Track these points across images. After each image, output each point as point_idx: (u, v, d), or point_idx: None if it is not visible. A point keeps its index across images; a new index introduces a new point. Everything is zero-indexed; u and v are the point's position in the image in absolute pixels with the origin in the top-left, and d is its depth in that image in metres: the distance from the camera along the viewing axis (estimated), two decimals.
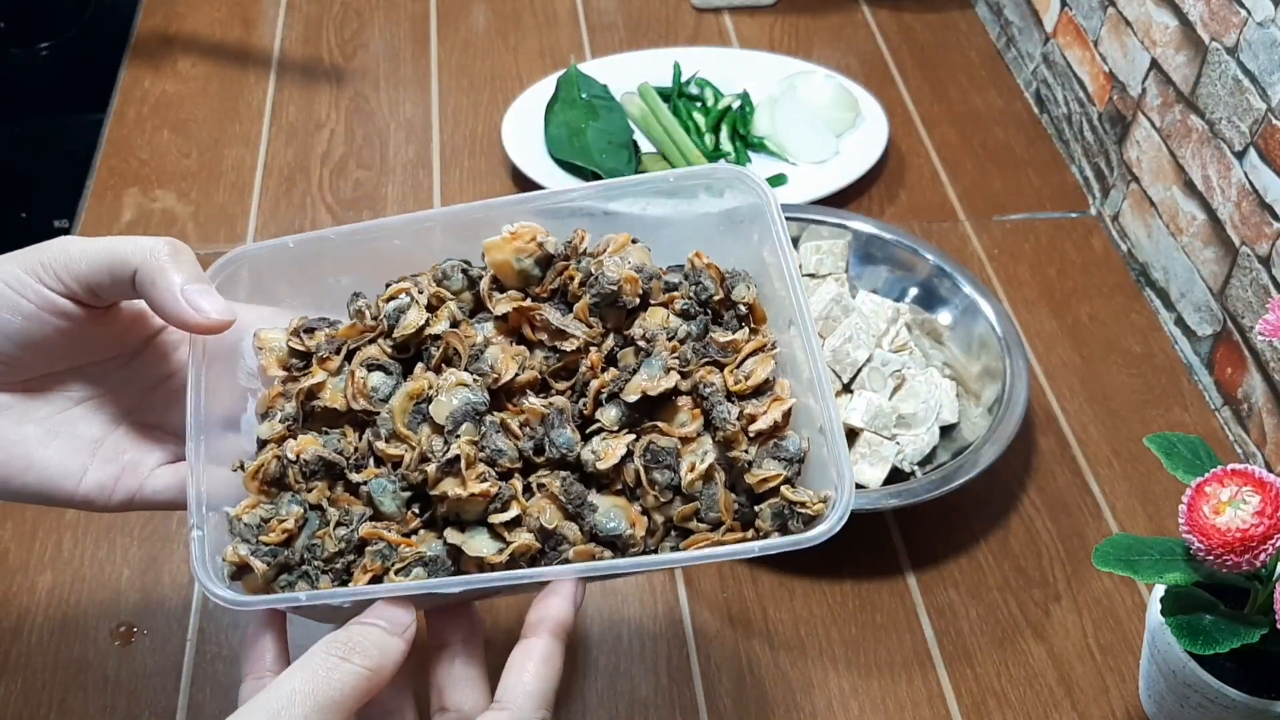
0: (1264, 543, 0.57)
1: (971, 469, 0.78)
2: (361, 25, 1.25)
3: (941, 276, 0.91)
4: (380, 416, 0.53)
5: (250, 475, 0.53)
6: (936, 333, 0.91)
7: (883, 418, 0.82)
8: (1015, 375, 0.83)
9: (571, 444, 0.52)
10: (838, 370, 0.84)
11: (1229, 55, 0.88)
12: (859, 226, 0.94)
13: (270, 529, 0.52)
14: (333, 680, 0.45)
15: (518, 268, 0.55)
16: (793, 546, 0.50)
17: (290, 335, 0.56)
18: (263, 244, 0.57)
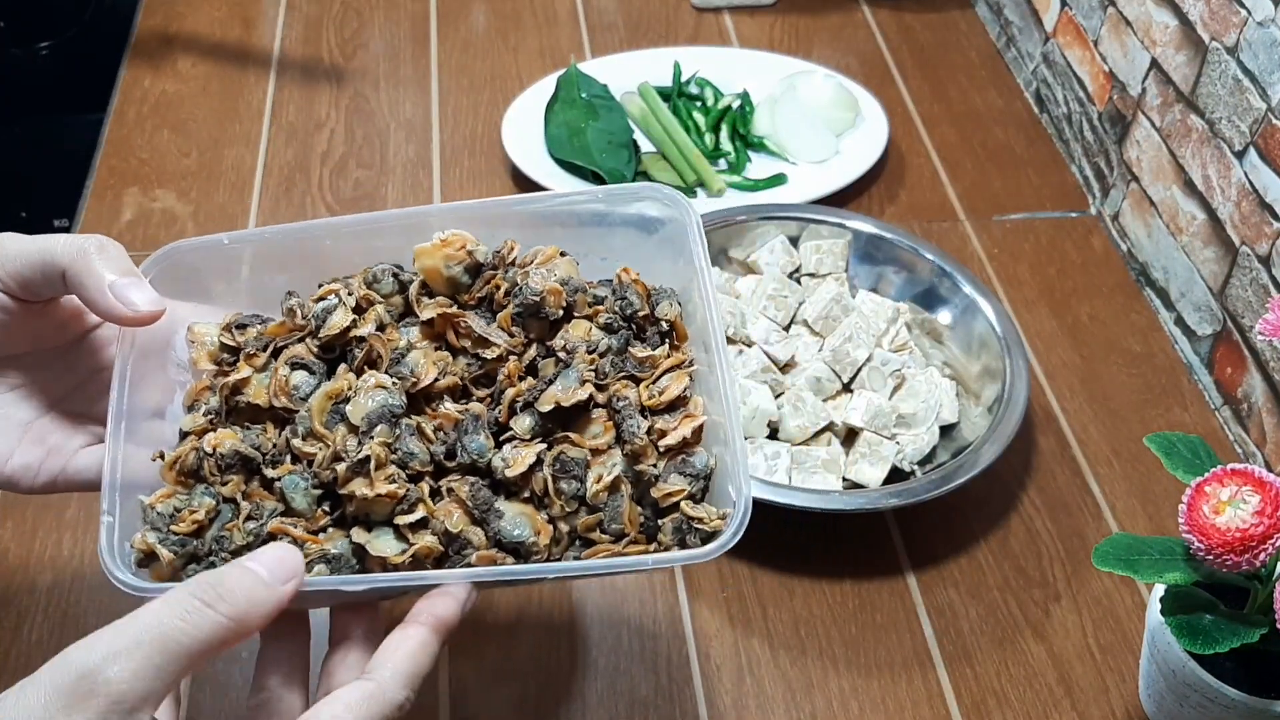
0: (1263, 542, 0.57)
1: (971, 469, 0.78)
2: (361, 25, 1.25)
3: (941, 276, 0.91)
4: (299, 415, 0.54)
5: (168, 466, 0.54)
6: (936, 332, 0.91)
7: (883, 417, 0.82)
8: (1015, 375, 0.83)
9: (483, 449, 0.53)
10: (838, 370, 0.84)
11: (1229, 55, 0.88)
12: (859, 226, 0.93)
13: (181, 519, 0.52)
14: (188, 627, 0.43)
15: (447, 274, 0.56)
16: (686, 561, 0.51)
17: (222, 330, 0.57)
18: (198, 239, 0.58)
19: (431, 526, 0.52)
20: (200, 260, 0.58)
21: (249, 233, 0.60)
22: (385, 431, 0.52)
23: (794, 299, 0.89)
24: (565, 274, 0.57)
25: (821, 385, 0.84)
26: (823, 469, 0.80)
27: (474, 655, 0.73)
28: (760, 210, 0.95)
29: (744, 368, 0.84)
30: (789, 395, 0.83)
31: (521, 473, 0.53)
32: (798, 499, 0.76)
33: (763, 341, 0.86)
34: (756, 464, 0.79)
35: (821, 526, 0.81)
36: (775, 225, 0.94)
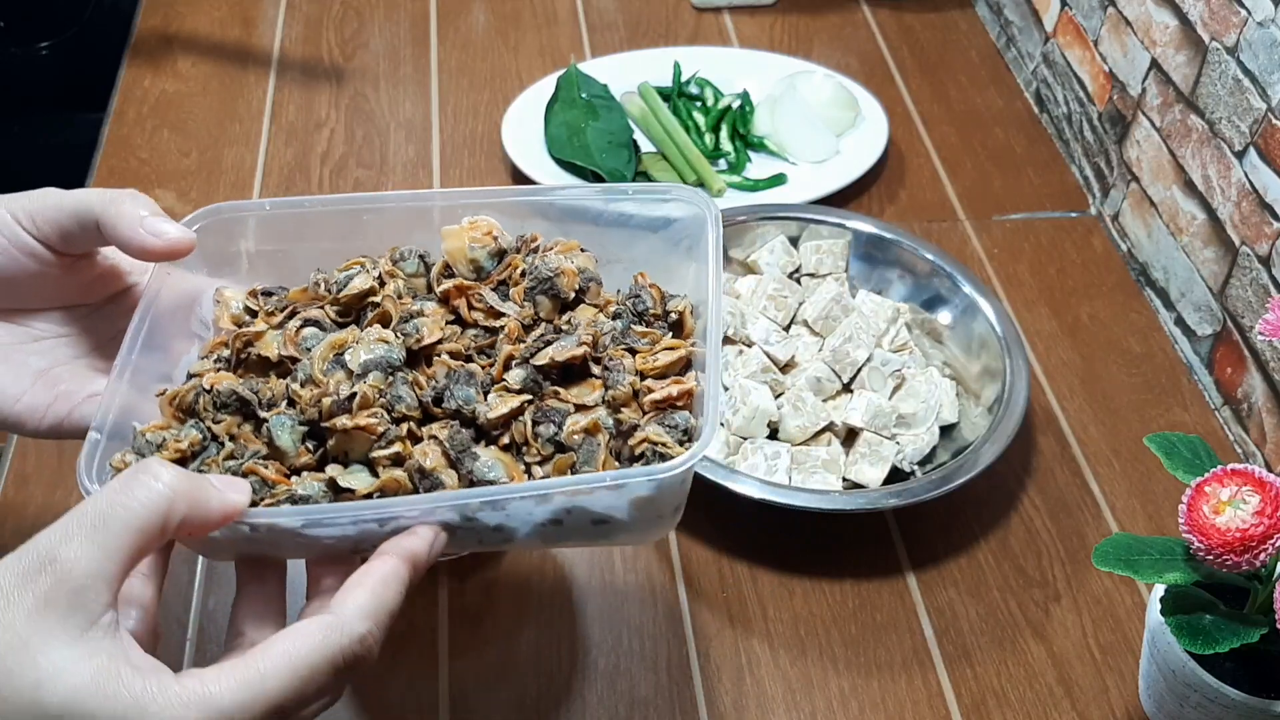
0: (1263, 542, 0.57)
1: (971, 469, 0.78)
2: (361, 25, 1.25)
3: (941, 276, 0.90)
4: (301, 363, 0.54)
5: (168, 400, 0.55)
6: (936, 332, 0.91)
7: (883, 417, 0.82)
8: (1015, 375, 0.83)
9: (470, 398, 0.53)
10: (838, 370, 0.84)
11: (1229, 55, 0.88)
12: (859, 226, 0.93)
13: (166, 448, 0.53)
14: (129, 500, 0.43)
15: (470, 256, 0.58)
16: (644, 476, 0.49)
17: (248, 295, 0.59)
18: (240, 203, 0.60)
19: (406, 466, 0.52)
20: (239, 222, 0.59)
21: (289, 201, 0.61)
22: (378, 378, 0.53)
23: (794, 299, 0.88)
24: (582, 264, 0.58)
25: (821, 385, 0.84)
26: (823, 469, 0.80)
27: (474, 655, 0.73)
28: (760, 210, 0.94)
29: (744, 368, 0.84)
30: (789, 395, 0.83)
31: (502, 415, 0.53)
32: (798, 499, 0.76)
33: (763, 341, 0.86)
34: (757, 464, 0.79)
35: (821, 526, 0.81)
36: (775, 225, 0.94)
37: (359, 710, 0.71)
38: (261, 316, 0.57)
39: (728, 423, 0.82)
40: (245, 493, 0.47)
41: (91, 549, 0.41)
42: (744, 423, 0.81)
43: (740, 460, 0.80)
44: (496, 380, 0.55)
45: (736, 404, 0.82)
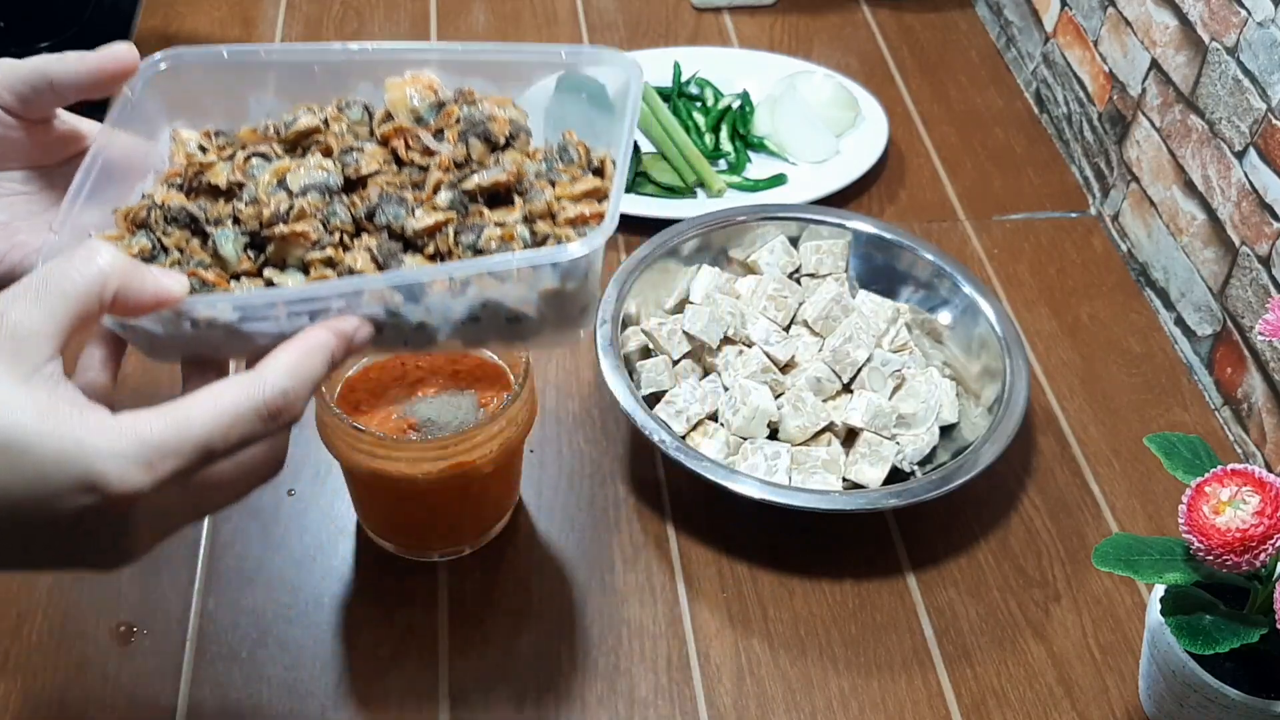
0: (1263, 542, 0.58)
1: (971, 468, 0.78)
2: (361, 25, 1.25)
3: (941, 277, 0.90)
4: (247, 187, 0.58)
5: (122, 215, 0.58)
6: (936, 332, 0.91)
7: (883, 417, 0.82)
8: (1015, 375, 0.83)
9: (400, 215, 0.56)
10: (838, 370, 0.84)
11: (1229, 55, 0.88)
12: (859, 226, 0.93)
13: (126, 248, 0.56)
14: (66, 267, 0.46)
15: (411, 105, 0.61)
16: (548, 260, 0.53)
17: (203, 136, 0.62)
18: (197, 49, 0.62)
19: (338, 269, 0.55)
20: (195, 68, 0.62)
21: (246, 48, 0.64)
22: (316, 198, 0.57)
23: (794, 299, 0.88)
24: (514, 115, 0.62)
25: (822, 385, 0.84)
26: (823, 469, 0.80)
27: (474, 655, 0.74)
28: (760, 210, 0.94)
29: (744, 368, 0.84)
30: (789, 395, 0.83)
31: (428, 226, 0.56)
32: (798, 499, 0.76)
33: (763, 342, 0.86)
34: (757, 464, 0.79)
35: (821, 526, 0.81)
36: (775, 225, 0.93)
37: (360, 709, 0.71)
38: (213, 151, 0.61)
39: (727, 423, 0.82)
40: (181, 283, 0.50)
41: (32, 309, 0.44)
42: (744, 423, 0.81)
43: (740, 460, 0.80)
44: (426, 202, 0.58)
45: (736, 404, 0.82)
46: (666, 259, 0.91)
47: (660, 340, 0.86)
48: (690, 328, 0.86)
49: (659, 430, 0.78)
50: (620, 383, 0.81)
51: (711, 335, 0.85)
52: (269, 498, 0.81)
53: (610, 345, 0.83)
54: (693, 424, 0.82)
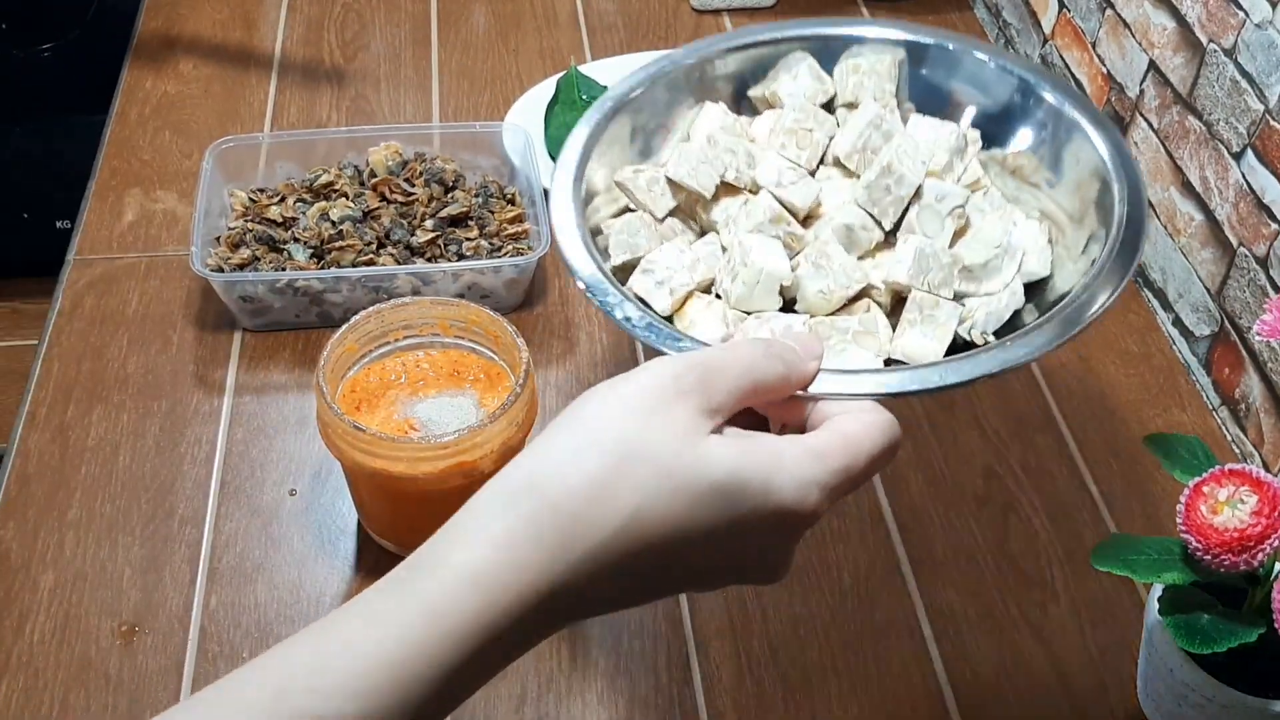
0: (1261, 542, 0.58)
1: (1075, 322, 0.56)
2: (362, 27, 1.25)
3: (1028, 94, 0.68)
4: (300, 220, 0.94)
5: (227, 239, 0.93)
6: (1024, 172, 0.69)
7: (940, 269, 0.61)
8: (1130, 204, 0.62)
9: (405, 235, 0.93)
10: (875, 213, 0.64)
11: (1226, 57, 0.88)
12: (913, 38, 0.71)
13: (235, 258, 0.91)
14: (759, 366, 0.49)
15: (386, 164, 0.98)
16: (510, 263, 0.91)
17: (251, 192, 0.97)
18: (242, 137, 1.00)
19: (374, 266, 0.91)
20: (241, 151, 0.98)
21: (277, 134, 1.05)
22: (350, 225, 0.93)
23: (822, 133, 0.68)
24: (454, 168, 0.99)
25: (854, 235, 0.63)
26: (854, 343, 0.59)
27: None
28: (780, 29, 0.72)
29: (747, 219, 0.64)
30: (809, 252, 0.62)
31: (425, 241, 0.93)
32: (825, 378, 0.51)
33: (773, 184, 0.65)
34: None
35: (821, 528, 0.81)
36: (802, 48, 0.72)
37: None
38: (261, 200, 0.96)
39: (725, 294, 0.62)
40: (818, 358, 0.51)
41: (726, 381, 0.47)
42: (745, 290, 0.61)
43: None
44: (418, 227, 0.94)
45: (735, 266, 0.61)
46: (655, 98, 0.70)
47: (636, 193, 0.66)
48: (675, 172, 0.65)
49: (624, 304, 0.58)
50: (577, 245, 0.61)
51: (703, 180, 0.65)
52: (270, 497, 0.81)
53: (570, 202, 0.63)
54: (680, 298, 0.62)
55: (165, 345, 0.91)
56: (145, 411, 0.87)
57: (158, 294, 0.95)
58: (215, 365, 0.90)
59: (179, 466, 0.83)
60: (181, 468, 0.83)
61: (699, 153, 0.66)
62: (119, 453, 0.84)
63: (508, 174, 1.01)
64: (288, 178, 0.99)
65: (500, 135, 1.02)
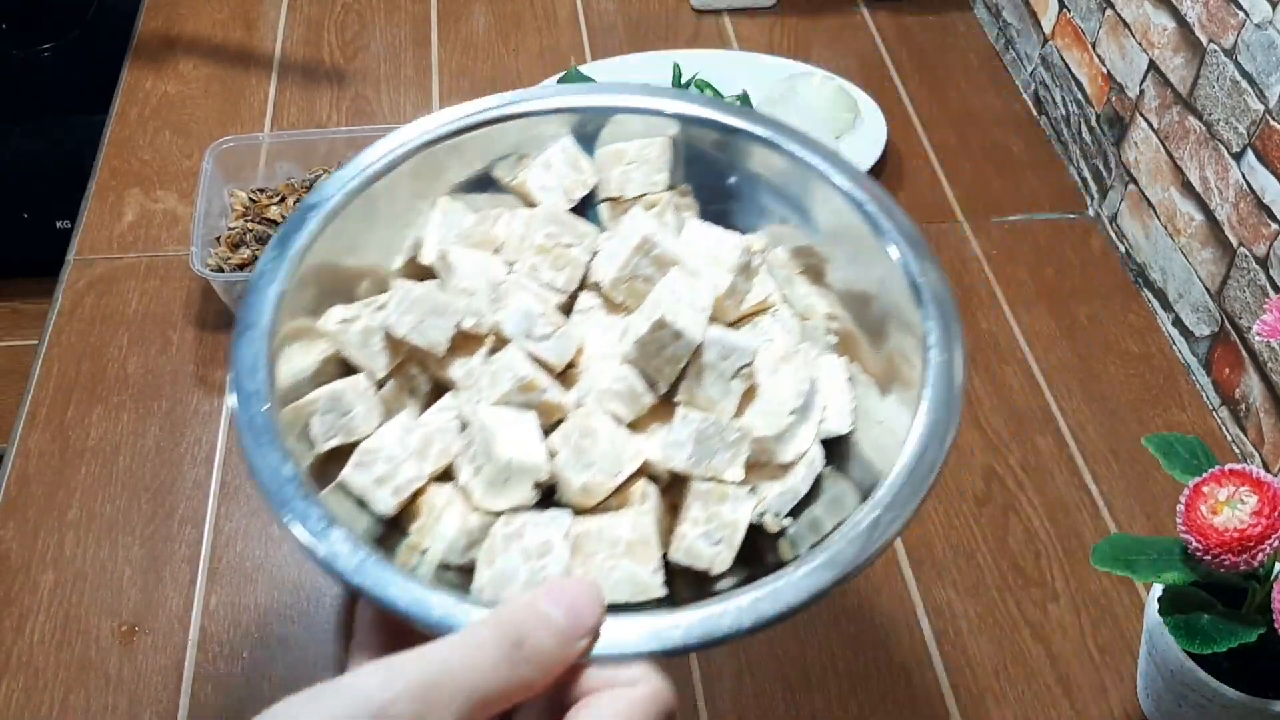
0: (1261, 542, 0.58)
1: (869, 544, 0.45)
2: (362, 27, 1.25)
3: (813, 178, 0.56)
4: None
5: (227, 239, 0.93)
6: (818, 268, 0.57)
7: (724, 448, 0.49)
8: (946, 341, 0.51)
9: None
10: (649, 372, 0.51)
11: (1226, 57, 0.88)
12: (687, 110, 0.58)
13: (235, 258, 0.92)
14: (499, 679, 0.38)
15: None
16: None
17: (250, 191, 0.98)
18: (242, 137, 1.00)
19: None
20: (241, 151, 0.99)
21: (275, 134, 1.04)
22: None
23: (582, 249, 0.55)
24: None
25: (624, 401, 0.51)
26: (627, 557, 0.47)
27: None
28: (528, 99, 0.58)
29: (491, 385, 0.50)
30: (570, 428, 0.49)
31: None
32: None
33: (522, 334, 0.51)
34: (510, 570, 0.46)
35: None
36: (557, 121, 0.58)
37: None
38: (261, 200, 0.96)
39: (467, 489, 0.48)
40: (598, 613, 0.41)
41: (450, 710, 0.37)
42: (487, 489, 0.48)
43: (484, 563, 0.46)
44: None
45: (477, 455, 0.48)
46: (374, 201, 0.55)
47: (348, 349, 0.52)
48: (395, 324, 0.50)
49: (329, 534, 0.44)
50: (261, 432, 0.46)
51: (433, 336, 0.51)
52: None
53: (252, 369, 0.48)
54: (408, 497, 0.48)
55: (165, 345, 0.91)
56: (145, 411, 0.87)
57: (158, 294, 0.95)
58: (215, 365, 0.90)
59: (179, 467, 0.83)
60: (181, 468, 0.83)
61: (427, 300, 0.51)
62: (119, 453, 0.84)
63: None
64: (288, 178, 1.00)
65: None
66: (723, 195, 0.59)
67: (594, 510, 0.49)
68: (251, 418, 0.47)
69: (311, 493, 0.45)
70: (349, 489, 0.48)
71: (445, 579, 0.47)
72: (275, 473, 0.45)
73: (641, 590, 0.47)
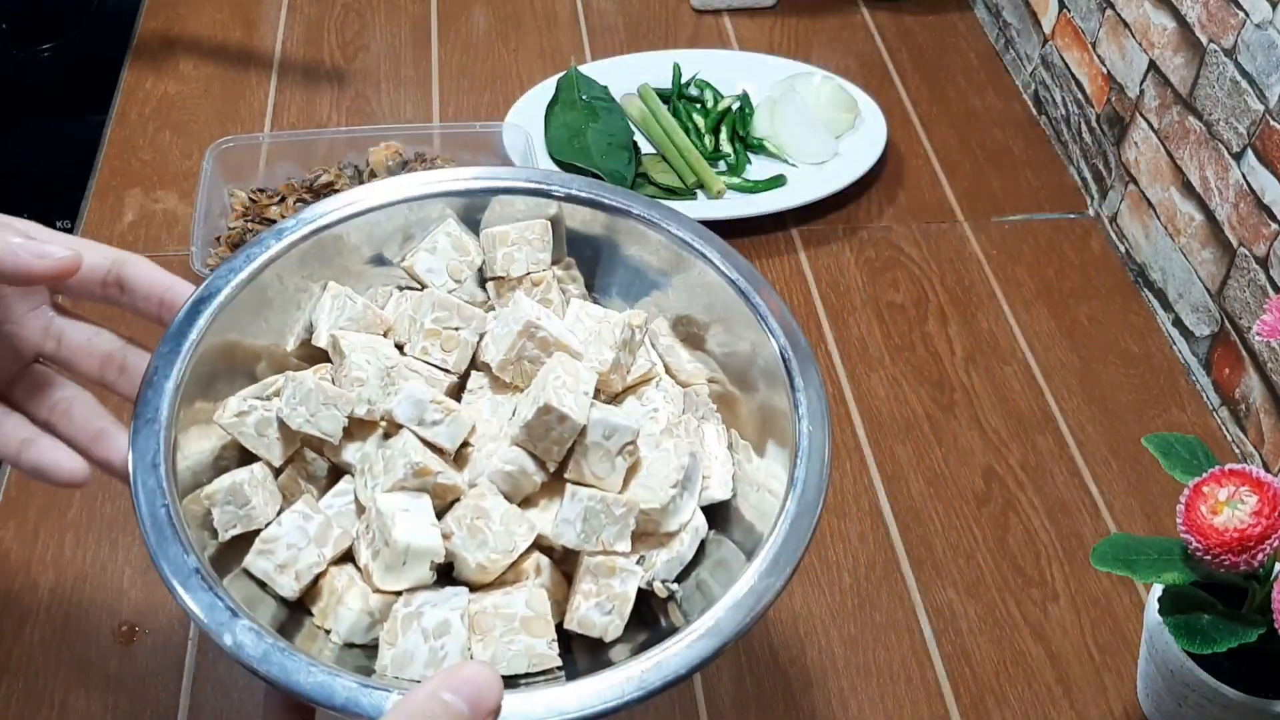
0: (1261, 542, 0.58)
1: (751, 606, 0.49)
2: (362, 27, 1.25)
3: (686, 255, 0.61)
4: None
5: (227, 240, 0.93)
6: (698, 335, 0.62)
7: (611, 523, 0.53)
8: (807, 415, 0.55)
9: None
10: (539, 454, 0.54)
11: (1227, 57, 0.88)
12: (566, 189, 0.62)
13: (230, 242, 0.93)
14: None
15: (386, 164, 0.98)
16: None
17: (251, 192, 0.97)
18: (242, 136, 1.01)
19: None
20: (241, 151, 0.98)
21: (275, 134, 1.02)
22: None
23: (470, 331, 0.58)
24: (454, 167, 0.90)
25: (515, 481, 0.54)
26: (524, 632, 0.51)
27: None
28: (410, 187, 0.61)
29: (385, 473, 0.53)
30: (464, 510, 0.52)
31: None
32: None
33: (413, 421, 0.54)
34: (411, 652, 0.49)
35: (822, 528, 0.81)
36: (440, 203, 0.61)
37: None
38: (262, 200, 0.96)
39: (367, 571, 0.52)
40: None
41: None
42: (386, 572, 0.51)
43: (385, 644, 0.50)
44: None
45: (375, 540, 0.51)
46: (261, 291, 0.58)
47: (245, 440, 0.54)
48: (290, 416, 0.53)
49: (235, 624, 0.47)
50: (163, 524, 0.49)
51: (327, 426, 0.54)
52: None
53: (152, 464, 0.51)
54: (310, 581, 0.52)
55: None
56: None
57: None
58: None
59: None
60: None
61: (319, 392, 0.53)
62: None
63: None
64: (288, 178, 0.99)
65: (500, 135, 1.02)
66: (606, 269, 0.63)
67: (490, 585, 0.53)
68: (154, 513, 0.49)
69: (215, 584, 0.48)
70: (252, 574, 0.52)
71: (350, 658, 0.51)
72: (180, 566, 0.48)
73: (538, 661, 0.51)
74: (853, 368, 0.93)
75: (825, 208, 1.05)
